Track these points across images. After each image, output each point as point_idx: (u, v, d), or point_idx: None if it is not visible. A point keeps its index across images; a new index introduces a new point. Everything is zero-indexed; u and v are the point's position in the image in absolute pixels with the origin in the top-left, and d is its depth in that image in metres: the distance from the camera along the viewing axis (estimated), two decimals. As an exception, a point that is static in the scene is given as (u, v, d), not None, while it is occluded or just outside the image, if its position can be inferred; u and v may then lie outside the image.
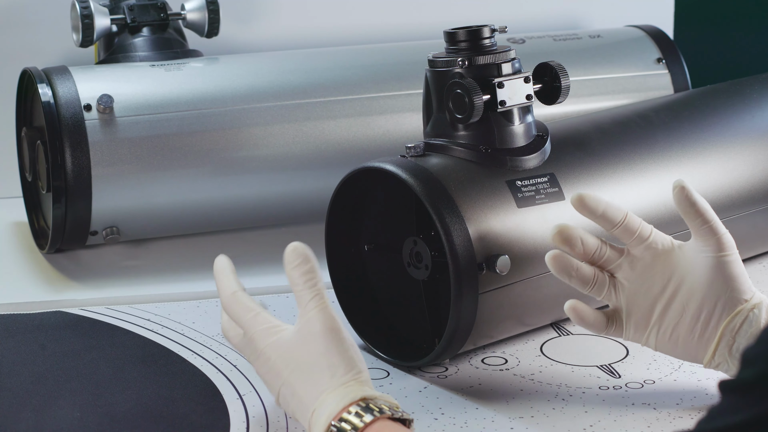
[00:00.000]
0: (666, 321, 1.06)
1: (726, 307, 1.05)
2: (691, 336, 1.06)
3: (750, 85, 1.46)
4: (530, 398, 1.13)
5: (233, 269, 1.08)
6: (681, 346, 1.06)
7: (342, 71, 1.53)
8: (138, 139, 1.42)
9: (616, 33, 1.69)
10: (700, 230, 1.06)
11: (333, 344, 0.99)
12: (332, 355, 0.98)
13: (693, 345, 1.06)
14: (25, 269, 1.48)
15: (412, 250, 1.18)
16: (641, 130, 1.32)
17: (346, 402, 0.95)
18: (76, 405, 1.12)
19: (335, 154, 1.49)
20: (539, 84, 1.22)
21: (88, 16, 1.51)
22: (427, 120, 1.22)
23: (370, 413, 0.94)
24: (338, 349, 0.99)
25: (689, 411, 1.09)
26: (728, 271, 1.05)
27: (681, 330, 1.06)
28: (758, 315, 1.04)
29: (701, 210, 1.06)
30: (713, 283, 1.05)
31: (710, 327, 1.05)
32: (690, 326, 1.06)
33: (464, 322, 1.13)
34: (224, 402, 1.12)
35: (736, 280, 1.05)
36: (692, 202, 1.06)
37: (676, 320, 1.06)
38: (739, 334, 1.04)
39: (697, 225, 1.06)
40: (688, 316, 1.05)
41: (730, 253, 1.06)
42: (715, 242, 1.05)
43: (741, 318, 1.04)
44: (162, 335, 1.27)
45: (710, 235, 1.05)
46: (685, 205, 1.06)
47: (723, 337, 1.05)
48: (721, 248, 1.05)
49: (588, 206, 1.08)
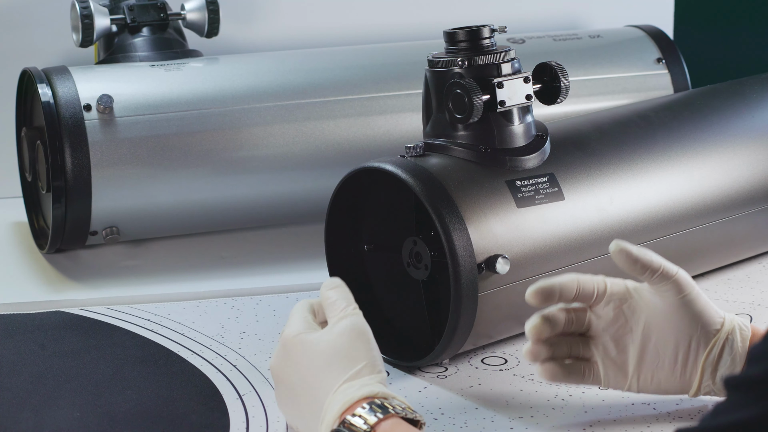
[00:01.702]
0: (644, 368, 1.05)
1: (700, 342, 1.04)
2: (673, 376, 1.05)
3: (750, 85, 1.46)
4: (530, 398, 1.13)
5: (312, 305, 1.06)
6: (664, 387, 1.06)
7: (342, 71, 1.53)
8: (138, 139, 1.42)
9: (616, 33, 1.69)
10: (654, 280, 1.04)
11: (360, 341, 1.00)
12: (357, 349, 0.99)
13: (676, 383, 1.05)
14: (25, 269, 1.48)
15: (411, 250, 1.18)
16: (641, 130, 1.32)
17: (362, 394, 0.96)
18: (76, 405, 1.12)
19: (335, 154, 1.49)
20: (539, 84, 1.22)
21: (88, 16, 1.51)
22: (426, 120, 1.22)
23: (383, 410, 0.95)
24: (364, 347, 1.00)
25: (689, 411, 1.09)
26: (693, 309, 1.04)
27: (661, 374, 1.05)
28: (735, 338, 1.04)
29: (646, 263, 1.04)
30: (682, 324, 1.04)
31: (689, 364, 1.04)
32: (669, 368, 1.05)
33: (464, 322, 1.13)
34: (224, 402, 1.12)
35: (704, 315, 1.04)
36: (634, 260, 1.04)
37: (653, 366, 1.05)
38: (721, 362, 1.04)
39: (648, 277, 1.05)
40: (665, 360, 1.05)
41: (690, 291, 1.04)
42: (671, 286, 1.04)
43: (718, 348, 1.04)
44: (162, 335, 1.27)
45: (665, 281, 1.04)
46: (628, 264, 1.05)
47: (704, 371, 1.04)
48: (680, 290, 1.04)
49: (540, 297, 1.05)
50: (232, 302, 1.36)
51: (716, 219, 1.31)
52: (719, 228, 1.32)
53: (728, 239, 1.35)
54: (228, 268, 1.48)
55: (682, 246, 1.28)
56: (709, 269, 1.38)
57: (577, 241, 1.20)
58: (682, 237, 1.28)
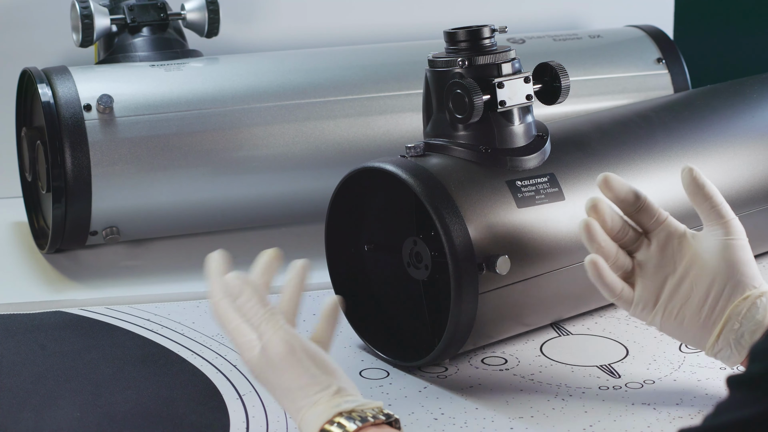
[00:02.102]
0: (674, 301, 1.06)
1: (734, 291, 1.05)
2: (698, 317, 1.06)
3: (750, 85, 1.46)
4: (530, 398, 1.13)
5: (223, 268, 1.05)
6: (686, 327, 1.06)
7: (342, 71, 1.53)
8: (138, 139, 1.42)
9: (616, 33, 1.69)
10: (709, 214, 1.07)
11: (294, 366, 0.97)
12: (298, 376, 0.97)
13: (698, 327, 1.06)
14: (25, 269, 1.48)
15: (412, 250, 1.18)
16: (641, 130, 1.32)
17: (321, 421, 0.94)
18: (76, 405, 1.12)
19: (335, 154, 1.49)
20: (539, 84, 1.22)
21: (88, 16, 1.51)
22: (427, 120, 1.22)
23: (352, 422, 0.93)
24: (299, 369, 0.97)
25: (689, 411, 1.09)
26: (735, 255, 1.06)
27: (687, 311, 1.06)
28: (765, 303, 1.04)
29: (709, 193, 1.07)
30: (721, 265, 1.05)
31: (717, 309, 1.05)
32: (697, 307, 1.06)
33: (464, 322, 1.13)
34: (224, 402, 1.12)
35: (744, 264, 1.06)
36: (700, 185, 1.07)
37: (683, 301, 1.06)
38: (746, 319, 1.04)
39: (706, 208, 1.07)
40: (695, 297, 1.06)
41: (738, 238, 1.06)
42: (722, 226, 1.06)
43: (748, 304, 1.04)
44: (162, 335, 1.27)
45: (718, 219, 1.07)
46: (693, 188, 1.08)
47: (728, 321, 1.04)
48: (728, 232, 1.06)
49: (612, 187, 1.09)
50: (232, 302, 1.36)
51: (716, 219, 1.31)
52: (719, 228, 1.32)
53: (728, 239, 1.35)
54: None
55: (682, 246, 1.28)
56: (709, 269, 1.38)
57: (577, 241, 1.19)
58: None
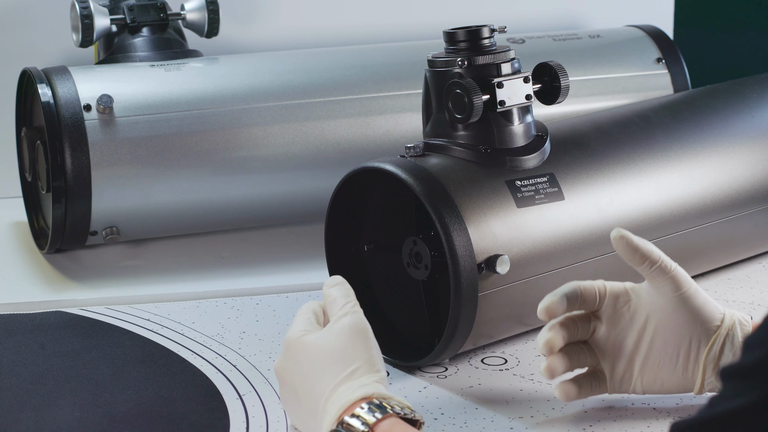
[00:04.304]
0: (647, 369, 1.05)
1: (701, 339, 1.04)
2: (675, 375, 1.05)
3: (750, 85, 1.46)
4: (530, 398, 1.13)
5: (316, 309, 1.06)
6: (668, 386, 1.06)
7: (342, 71, 1.54)
8: (138, 139, 1.42)
9: (615, 33, 1.69)
10: (652, 273, 1.04)
11: (358, 340, 1.00)
12: (356, 349, 0.99)
13: (679, 381, 1.05)
14: (25, 269, 1.48)
15: (411, 250, 1.18)
16: (641, 130, 1.32)
17: (360, 394, 0.96)
18: (76, 405, 1.12)
19: (335, 154, 1.49)
20: (539, 84, 1.22)
21: (88, 16, 1.51)
22: (426, 120, 1.22)
23: (381, 410, 0.95)
24: (362, 345, 0.99)
25: (689, 411, 1.09)
26: (691, 306, 1.04)
27: (664, 373, 1.05)
28: (736, 333, 1.04)
29: (645, 252, 1.04)
30: (681, 322, 1.04)
31: (691, 362, 1.04)
32: (671, 367, 1.05)
33: (464, 322, 1.13)
34: (224, 402, 1.12)
35: (703, 311, 1.04)
36: (635, 248, 1.05)
37: (656, 365, 1.05)
38: (723, 358, 1.04)
39: (647, 268, 1.04)
40: (667, 359, 1.05)
41: (688, 287, 1.04)
42: (669, 282, 1.04)
43: (719, 344, 1.04)
44: (162, 335, 1.27)
45: (662, 275, 1.04)
46: (628, 253, 1.05)
47: (706, 368, 1.04)
48: (677, 286, 1.04)
49: (549, 314, 1.05)
50: (232, 302, 1.36)
51: (716, 219, 1.31)
52: (719, 228, 1.32)
53: (728, 239, 1.35)
54: (228, 268, 1.48)
55: (682, 246, 1.28)
56: (709, 269, 1.38)
57: (577, 241, 1.20)
58: (681, 237, 1.28)
